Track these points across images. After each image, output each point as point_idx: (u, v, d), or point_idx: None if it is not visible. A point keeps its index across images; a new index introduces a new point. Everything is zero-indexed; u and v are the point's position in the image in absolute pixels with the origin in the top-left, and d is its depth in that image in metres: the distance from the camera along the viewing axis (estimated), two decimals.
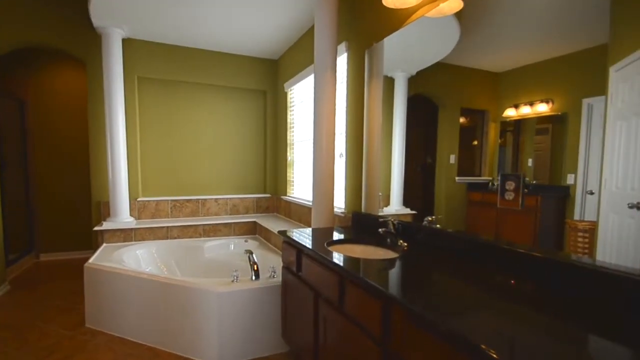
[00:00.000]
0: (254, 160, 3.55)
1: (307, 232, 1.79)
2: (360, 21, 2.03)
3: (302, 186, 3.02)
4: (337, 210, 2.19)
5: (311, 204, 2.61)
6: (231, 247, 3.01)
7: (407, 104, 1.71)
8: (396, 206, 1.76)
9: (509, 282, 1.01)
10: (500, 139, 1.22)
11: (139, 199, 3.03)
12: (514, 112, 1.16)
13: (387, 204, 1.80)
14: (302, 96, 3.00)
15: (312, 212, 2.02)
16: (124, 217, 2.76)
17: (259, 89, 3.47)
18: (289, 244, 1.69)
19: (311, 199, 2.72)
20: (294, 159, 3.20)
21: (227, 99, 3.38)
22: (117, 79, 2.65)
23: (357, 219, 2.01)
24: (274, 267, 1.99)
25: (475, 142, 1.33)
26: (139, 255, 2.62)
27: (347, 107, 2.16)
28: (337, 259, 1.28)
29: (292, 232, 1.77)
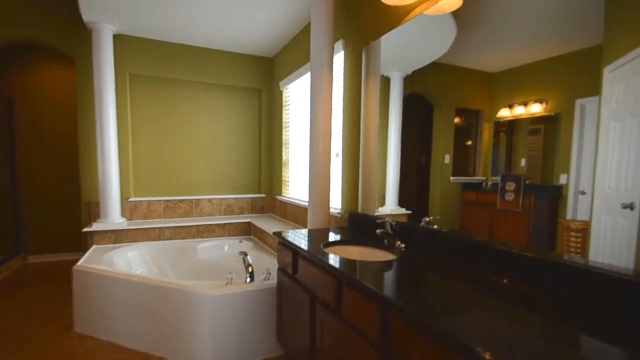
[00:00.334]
0: (248, 159, 3.51)
1: (303, 233, 1.76)
2: (357, 18, 2.00)
3: (297, 186, 2.99)
4: (333, 210, 2.17)
5: (307, 204, 2.59)
6: (225, 248, 2.97)
7: (402, 103, 1.71)
8: (391, 206, 1.75)
9: (508, 283, 1.00)
10: (494, 139, 1.22)
11: (131, 199, 2.97)
12: (508, 112, 1.16)
13: (383, 203, 1.80)
14: (297, 95, 2.97)
15: (308, 213, 1.99)
16: (114, 217, 2.69)
17: (253, 87, 3.43)
18: (284, 245, 1.66)
19: (307, 199, 2.70)
20: (290, 158, 3.17)
21: (221, 97, 3.33)
22: (108, 76, 2.59)
23: (353, 219, 1.98)
24: (269, 269, 1.95)
25: (469, 142, 1.33)
26: (130, 257, 2.56)
27: (344, 106, 2.14)
28: (334, 261, 1.26)
29: (288, 233, 1.75)
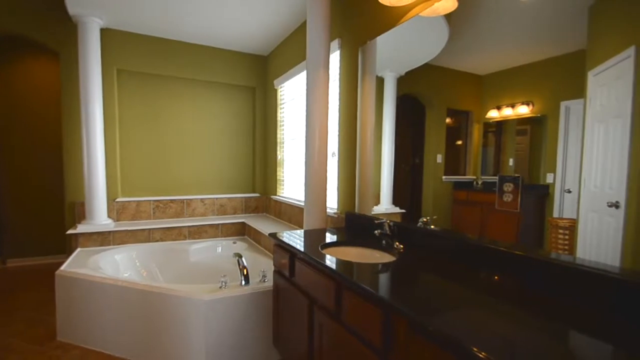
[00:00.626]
0: (242, 158, 3.43)
1: (299, 234, 1.72)
2: (354, 18, 1.98)
3: (292, 186, 2.94)
4: (329, 210, 2.13)
5: (302, 204, 2.54)
6: (218, 250, 2.89)
7: (396, 103, 1.71)
8: (386, 205, 1.75)
9: (509, 283, 0.99)
10: (483, 139, 1.26)
11: (118, 200, 2.85)
12: (496, 114, 1.19)
13: (377, 202, 1.80)
14: (292, 94, 2.92)
15: (304, 213, 1.95)
16: (101, 219, 2.58)
17: (247, 86, 3.36)
18: (280, 246, 1.61)
19: (302, 198, 2.66)
20: (284, 157, 3.11)
21: (214, 95, 3.25)
22: (94, 72, 2.48)
23: (350, 219, 1.95)
24: (265, 271, 1.90)
25: (459, 142, 1.36)
26: (118, 260, 2.46)
27: (340, 106, 2.11)
28: (333, 263, 1.22)
29: (284, 234, 1.70)
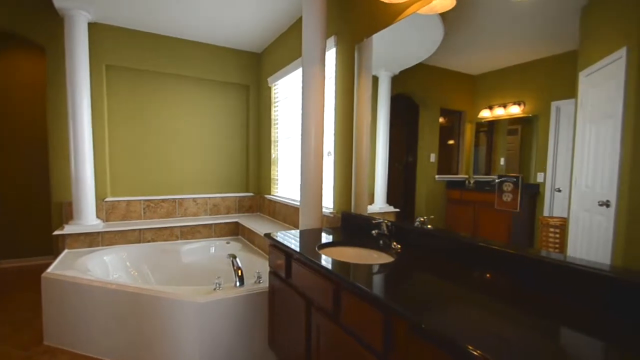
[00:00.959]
0: (235, 157, 3.38)
1: (295, 234, 1.70)
2: (350, 14, 1.95)
3: (287, 185, 2.91)
4: (325, 210, 2.11)
5: (297, 204, 2.52)
6: (212, 250, 2.84)
7: (390, 103, 1.71)
8: (380, 204, 1.75)
9: (508, 283, 0.99)
10: (475, 139, 1.27)
11: (107, 199, 2.77)
12: (488, 113, 1.20)
13: (371, 202, 1.79)
14: (287, 91, 2.88)
15: (299, 213, 1.92)
16: (89, 219, 2.50)
17: (241, 83, 3.31)
18: (276, 247, 1.58)
19: (297, 198, 2.63)
20: (279, 156, 3.08)
21: (206, 92, 3.18)
22: (82, 67, 2.40)
23: (346, 219, 1.93)
24: (260, 272, 1.87)
25: (452, 141, 1.37)
26: (107, 261, 2.39)
27: (336, 104, 2.09)
28: (331, 264, 1.20)
29: (280, 234, 1.67)
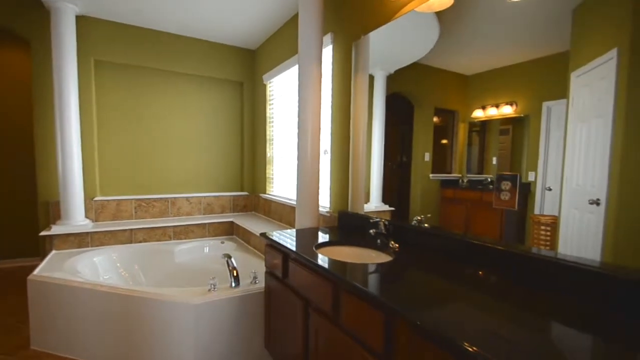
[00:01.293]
0: (230, 156, 3.33)
1: (292, 233, 1.67)
2: (347, 11, 1.93)
3: (282, 184, 2.88)
4: (321, 209, 2.09)
5: (293, 203, 2.49)
6: (206, 250, 2.79)
7: (385, 102, 1.70)
8: (375, 203, 1.75)
9: (507, 282, 0.99)
10: (468, 138, 1.29)
11: (97, 198, 2.69)
12: (481, 113, 1.22)
13: (367, 201, 1.79)
14: (282, 89, 2.85)
15: (296, 212, 1.90)
16: (78, 219, 2.42)
17: (235, 80, 3.25)
18: (272, 246, 1.56)
19: (292, 197, 2.60)
20: (274, 155, 3.04)
21: (199, 89, 3.12)
22: (69, 62, 2.31)
23: (344, 218, 1.92)
24: (256, 272, 1.84)
25: (446, 140, 1.38)
26: (97, 262, 2.32)
27: (333, 102, 2.07)
28: (329, 264, 1.19)
29: (276, 233, 1.65)
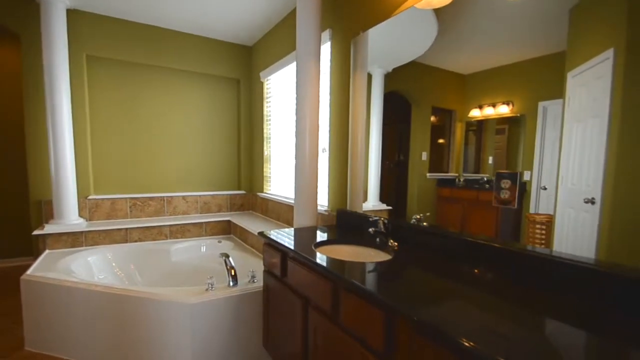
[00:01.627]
0: (226, 154, 3.29)
1: (290, 232, 1.66)
2: (346, 7, 1.91)
3: (280, 182, 2.86)
4: (319, 208, 2.08)
5: (290, 201, 2.48)
6: (202, 249, 2.76)
7: (383, 100, 1.70)
8: (373, 202, 1.75)
9: (507, 280, 0.99)
10: (465, 138, 1.29)
11: (90, 197, 2.65)
12: (478, 113, 1.22)
13: (365, 199, 1.79)
14: (280, 87, 2.82)
15: (294, 211, 1.89)
16: (71, 218, 2.38)
17: (231, 77, 3.21)
18: (271, 245, 1.55)
19: (290, 195, 2.59)
20: (271, 153, 3.02)
21: (195, 86, 3.08)
22: (60, 57, 2.26)
23: (342, 217, 1.91)
24: (254, 271, 1.83)
25: (443, 140, 1.39)
26: (92, 262, 2.28)
27: (331, 99, 2.05)
28: (329, 262, 1.18)
29: (274, 232, 1.64)
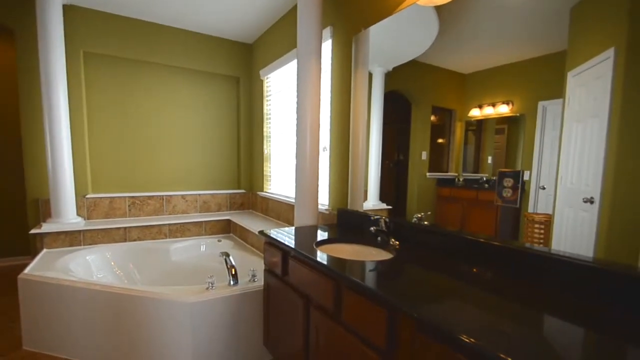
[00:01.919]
0: (226, 152, 3.27)
1: (290, 231, 1.66)
2: (348, 4, 1.89)
3: (280, 181, 2.85)
4: (320, 207, 2.07)
5: (291, 200, 2.47)
6: (202, 249, 2.75)
7: (383, 99, 1.69)
8: (373, 201, 1.75)
9: (507, 279, 0.99)
10: (464, 137, 1.30)
11: (88, 196, 2.62)
12: (478, 112, 1.22)
13: (365, 199, 1.79)
14: (280, 85, 2.80)
15: (295, 210, 1.88)
16: (69, 217, 2.36)
17: (231, 75, 3.18)
18: (271, 244, 1.54)
19: (290, 194, 2.57)
20: (271, 152, 3.00)
21: (194, 83, 3.05)
22: (56, 54, 2.22)
23: (343, 216, 1.91)
24: (254, 270, 1.82)
25: (442, 139, 1.39)
26: (90, 261, 2.26)
27: (332, 97, 2.03)
28: (331, 261, 1.18)
29: (275, 231, 1.63)
